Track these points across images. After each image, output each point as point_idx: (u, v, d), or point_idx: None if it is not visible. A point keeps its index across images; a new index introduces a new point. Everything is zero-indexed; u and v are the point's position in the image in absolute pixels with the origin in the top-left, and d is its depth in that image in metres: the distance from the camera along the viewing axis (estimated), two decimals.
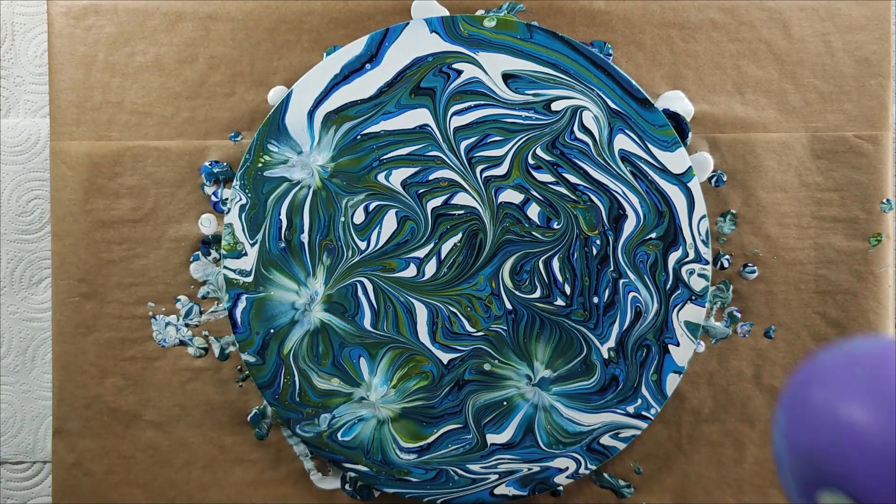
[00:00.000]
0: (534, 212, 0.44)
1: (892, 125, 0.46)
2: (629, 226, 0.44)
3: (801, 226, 0.45)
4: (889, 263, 0.45)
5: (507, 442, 0.44)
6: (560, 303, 0.44)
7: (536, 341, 0.44)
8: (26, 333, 0.48)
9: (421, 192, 0.44)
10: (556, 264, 0.44)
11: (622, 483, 0.46)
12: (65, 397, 0.45)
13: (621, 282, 0.44)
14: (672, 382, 0.44)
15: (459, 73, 0.44)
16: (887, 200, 0.46)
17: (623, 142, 0.44)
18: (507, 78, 0.44)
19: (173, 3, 0.45)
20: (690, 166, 0.44)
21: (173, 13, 0.45)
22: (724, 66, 0.45)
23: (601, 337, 0.44)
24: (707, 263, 0.44)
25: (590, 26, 0.45)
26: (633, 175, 0.44)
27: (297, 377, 0.44)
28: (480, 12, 0.45)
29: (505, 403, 0.44)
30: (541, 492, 0.45)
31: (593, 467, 0.44)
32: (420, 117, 0.44)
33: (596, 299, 0.44)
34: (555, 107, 0.44)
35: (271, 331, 0.44)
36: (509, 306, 0.44)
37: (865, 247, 0.45)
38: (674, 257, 0.44)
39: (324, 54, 0.45)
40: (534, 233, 0.44)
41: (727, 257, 0.46)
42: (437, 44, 0.44)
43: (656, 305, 0.44)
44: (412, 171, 0.44)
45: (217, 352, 0.46)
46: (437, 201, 0.44)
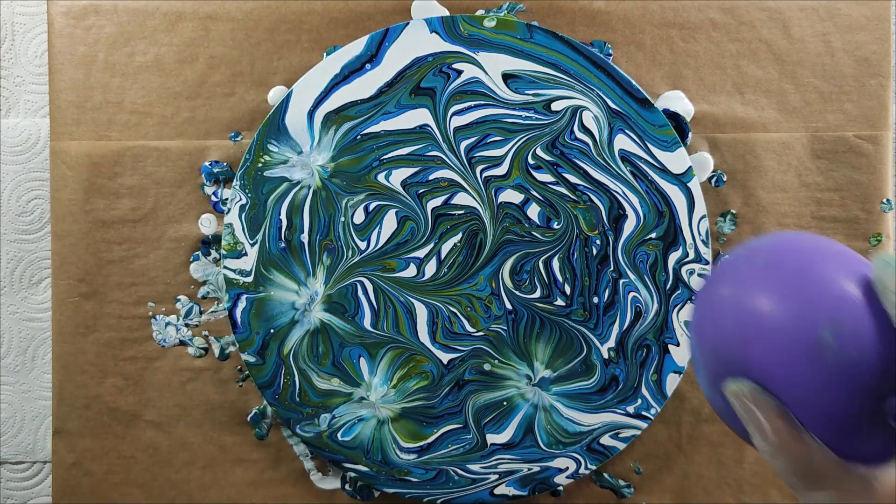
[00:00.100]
0: (534, 212, 0.44)
1: (892, 125, 0.46)
2: (629, 226, 0.44)
3: (802, 226, 0.45)
4: None
5: (507, 442, 0.44)
6: (560, 303, 0.44)
7: (536, 341, 0.44)
8: (26, 333, 0.48)
9: (421, 192, 0.44)
10: (556, 264, 0.44)
11: (622, 483, 0.46)
12: (65, 397, 0.45)
13: (621, 282, 0.44)
14: (672, 382, 0.44)
15: (459, 73, 0.44)
16: (887, 200, 0.45)
17: (623, 142, 0.44)
18: (507, 78, 0.44)
19: (173, 3, 0.45)
20: (690, 166, 0.44)
21: (173, 13, 0.45)
22: (724, 66, 0.45)
23: (601, 337, 0.44)
24: (707, 263, 0.44)
25: (590, 26, 0.45)
26: (633, 175, 0.44)
27: (297, 377, 0.44)
28: (480, 12, 0.45)
29: (505, 403, 0.44)
30: (541, 492, 0.45)
31: (593, 467, 0.44)
32: (420, 117, 0.44)
33: (596, 299, 0.44)
34: (555, 107, 0.44)
35: (271, 331, 0.44)
36: (509, 306, 0.44)
37: (865, 247, 0.45)
38: (674, 257, 0.44)
39: (324, 54, 0.45)
40: (534, 233, 0.44)
41: (727, 257, 0.45)
42: (437, 44, 0.44)
43: (656, 305, 0.44)
44: (412, 171, 0.44)
45: (217, 352, 0.46)
46: (437, 201, 0.44)
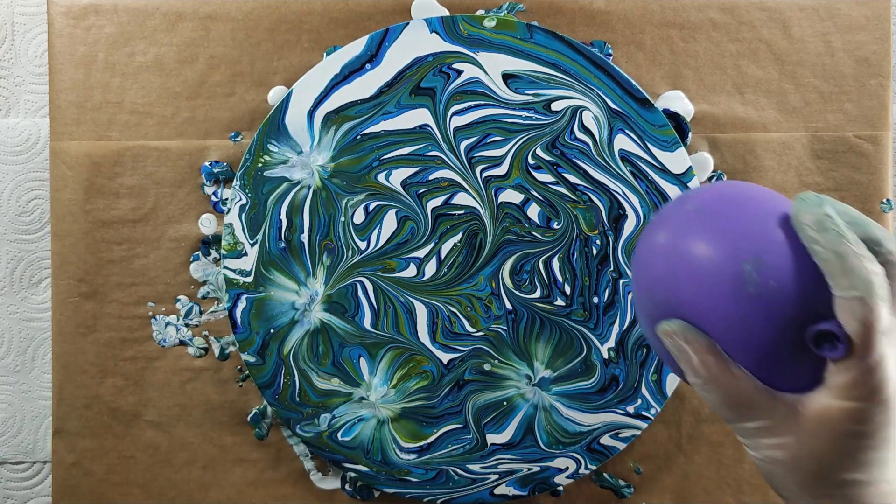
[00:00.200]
0: (534, 212, 0.44)
1: (892, 125, 0.46)
2: (629, 226, 0.44)
3: None
4: None
5: (507, 442, 0.44)
6: (560, 303, 0.44)
7: (536, 341, 0.44)
8: (26, 333, 0.48)
9: (421, 192, 0.44)
10: (556, 264, 0.44)
11: (622, 483, 0.46)
12: (65, 397, 0.45)
13: (621, 282, 0.44)
14: (672, 382, 0.44)
15: (459, 73, 0.44)
16: (887, 200, 0.45)
17: (623, 142, 0.44)
18: (507, 78, 0.44)
19: (173, 3, 0.45)
20: (690, 166, 0.44)
21: (173, 13, 0.45)
22: (724, 66, 0.45)
23: (601, 337, 0.44)
24: None
25: (590, 26, 0.45)
26: (633, 175, 0.44)
27: (297, 377, 0.44)
28: (480, 12, 0.45)
29: (505, 403, 0.44)
30: (541, 492, 0.45)
31: (593, 467, 0.44)
32: (420, 117, 0.44)
33: (596, 299, 0.44)
34: (555, 107, 0.44)
35: (271, 331, 0.44)
36: (509, 306, 0.44)
37: None
38: None
39: (324, 54, 0.45)
40: (534, 233, 0.44)
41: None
42: (437, 44, 0.44)
43: None
44: (412, 171, 0.44)
45: (217, 352, 0.46)
46: (437, 201, 0.44)
